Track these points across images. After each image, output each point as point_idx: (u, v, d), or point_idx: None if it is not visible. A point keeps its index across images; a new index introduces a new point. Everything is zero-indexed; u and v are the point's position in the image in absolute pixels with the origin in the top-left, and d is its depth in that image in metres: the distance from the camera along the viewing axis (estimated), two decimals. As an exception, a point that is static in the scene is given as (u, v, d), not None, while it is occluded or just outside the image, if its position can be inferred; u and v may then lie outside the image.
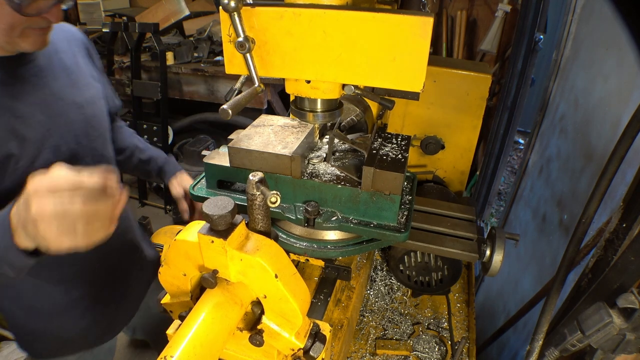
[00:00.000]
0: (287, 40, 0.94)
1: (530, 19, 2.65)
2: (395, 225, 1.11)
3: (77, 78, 1.42)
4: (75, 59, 1.46)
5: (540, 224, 2.44)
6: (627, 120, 0.91)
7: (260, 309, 0.86)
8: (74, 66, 1.43)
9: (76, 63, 1.46)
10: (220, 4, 0.87)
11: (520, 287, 2.58)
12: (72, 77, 1.41)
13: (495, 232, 1.25)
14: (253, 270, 0.78)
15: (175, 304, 0.92)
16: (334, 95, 1.07)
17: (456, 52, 4.10)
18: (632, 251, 0.87)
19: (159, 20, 4.09)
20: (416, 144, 2.11)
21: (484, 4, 3.95)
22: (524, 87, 2.80)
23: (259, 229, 0.85)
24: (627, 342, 0.88)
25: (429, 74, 0.93)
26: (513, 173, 5.54)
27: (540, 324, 1.04)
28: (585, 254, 1.61)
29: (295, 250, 1.22)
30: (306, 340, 0.87)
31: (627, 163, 0.99)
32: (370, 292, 1.86)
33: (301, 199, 1.15)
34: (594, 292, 0.97)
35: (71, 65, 1.42)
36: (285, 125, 1.22)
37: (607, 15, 1.99)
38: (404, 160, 1.11)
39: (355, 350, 1.60)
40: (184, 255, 0.82)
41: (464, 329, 1.70)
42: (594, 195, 0.98)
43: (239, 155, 1.13)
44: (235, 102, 0.95)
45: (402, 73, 0.92)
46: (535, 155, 2.85)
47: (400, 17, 0.86)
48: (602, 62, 2.00)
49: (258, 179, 0.79)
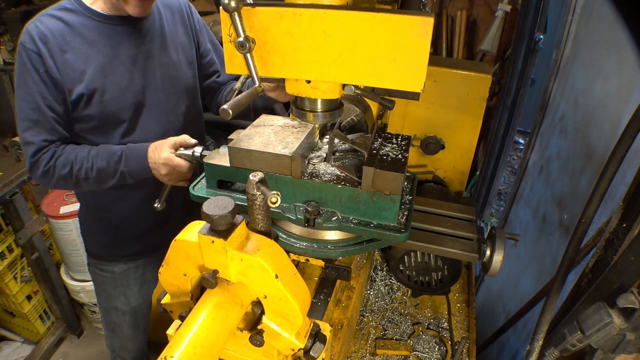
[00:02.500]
0: (287, 40, 0.94)
1: (530, 19, 2.65)
2: (395, 225, 1.11)
3: (168, 44, 1.71)
4: (175, 28, 1.76)
5: (540, 224, 2.44)
6: (627, 120, 0.91)
7: (261, 309, 0.86)
8: (171, 34, 1.73)
9: (174, 31, 1.75)
10: (221, 4, 0.87)
11: (520, 287, 2.58)
12: (165, 42, 1.70)
13: (495, 232, 1.25)
14: (253, 271, 0.78)
15: (175, 304, 0.92)
16: (334, 95, 1.07)
17: (456, 52, 4.10)
18: (632, 251, 0.87)
19: (159, 20, 4.08)
20: (416, 144, 2.11)
21: (484, 4, 3.95)
22: (524, 87, 2.80)
23: (259, 229, 0.85)
24: (627, 342, 0.88)
25: (429, 74, 0.93)
26: (513, 173, 5.54)
27: (540, 324, 1.04)
28: (585, 254, 1.61)
29: (295, 250, 1.22)
30: (306, 340, 0.87)
31: (627, 163, 0.99)
32: (370, 292, 1.86)
33: (301, 199, 1.15)
34: (594, 292, 0.97)
35: (169, 33, 1.72)
36: (285, 125, 1.22)
37: (607, 15, 1.99)
38: (404, 160, 1.11)
39: (355, 350, 1.60)
40: (184, 255, 0.82)
41: (464, 329, 1.70)
42: (594, 195, 0.98)
43: (239, 155, 1.13)
44: (236, 102, 0.95)
45: (402, 73, 0.92)
46: (535, 155, 2.85)
47: (401, 17, 0.86)
48: (602, 62, 2.00)
49: (258, 179, 0.79)
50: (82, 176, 1.56)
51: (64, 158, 1.55)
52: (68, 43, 1.50)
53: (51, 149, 1.54)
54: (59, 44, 1.48)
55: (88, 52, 1.52)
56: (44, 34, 1.46)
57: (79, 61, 1.51)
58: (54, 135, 1.55)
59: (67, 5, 1.54)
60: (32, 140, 1.52)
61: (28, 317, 3.07)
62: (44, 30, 1.47)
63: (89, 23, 1.53)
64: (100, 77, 1.54)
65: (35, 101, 1.49)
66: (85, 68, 1.52)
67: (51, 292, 3.11)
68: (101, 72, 1.54)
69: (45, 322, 3.27)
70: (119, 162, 1.57)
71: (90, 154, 1.57)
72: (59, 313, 3.27)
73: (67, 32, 1.50)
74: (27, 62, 1.46)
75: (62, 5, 1.54)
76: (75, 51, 1.51)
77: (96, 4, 1.55)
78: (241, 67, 1.00)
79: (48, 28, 1.47)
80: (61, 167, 1.55)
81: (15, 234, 2.79)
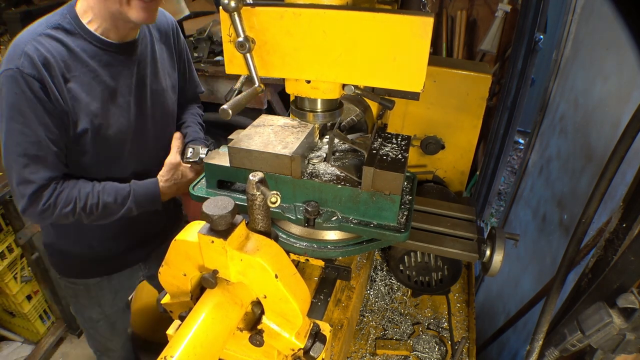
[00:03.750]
0: (287, 40, 0.94)
1: (530, 19, 2.65)
2: (395, 225, 1.11)
3: (159, 68, 1.66)
4: (162, 50, 1.69)
5: (540, 224, 2.44)
6: (627, 120, 0.91)
7: (261, 309, 0.86)
8: (160, 57, 1.67)
9: (162, 54, 1.69)
10: (221, 4, 0.87)
11: (520, 287, 2.58)
12: (156, 67, 1.65)
13: (495, 232, 1.25)
14: (253, 271, 0.78)
15: (175, 304, 0.92)
16: (334, 95, 1.07)
17: (456, 52, 4.10)
18: (632, 251, 0.87)
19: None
20: (416, 144, 2.11)
21: (484, 4, 3.95)
22: (524, 87, 2.80)
23: (259, 229, 0.85)
24: (627, 342, 0.88)
25: (429, 74, 0.93)
26: (513, 173, 5.54)
27: (540, 324, 1.04)
28: (585, 254, 1.61)
29: (295, 250, 1.22)
30: (306, 340, 0.87)
31: (627, 163, 0.99)
32: (370, 292, 1.86)
33: (301, 199, 1.15)
34: (594, 292, 0.97)
35: (158, 56, 1.66)
36: (285, 125, 1.22)
37: (607, 16, 1.99)
38: (404, 160, 1.11)
39: (355, 350, 1.60)
40: (184, 256, 0.82)
41: (464, 329, 1.70)
42: (594, 195, 0.98)
43: (239, 155, 1.13)
44: (236, 102, 0.95)
45: (402, 73, 0.92)
46: (535, 155, 2.85)
47: (401, 17, 0.86)
48: (602, 62, 2.00)
49: (258, 179, 0.79)
50: (85, 212, 1.48)
51: (66, 195, 1.44)
52: (71, 70, 1.37)
53: (51, 186, 1.42)
54: (62, 71, 1.35)
55: (91, 82, 1.42)
56: (46, 58, 1.31)
57: (82, 92, 1.40)
58: (56, 172, 1.43)
59: (64, 24, 1.38)
60: (31, 178, 1.37)
61: (28, 317, 3.06)
62: (45, 53, 1.31)
63: (89, 49, 1.41)
64: (104, 111, 1.46)
65: (36, 134, 1.34)
66: (89, 100, 1.42)
67: (51, 292, 3.11)
68: (105, 106, 1.46)
69: (45, 322, 3.27)
70: (127, 198, 1.53)
71: (94, 190, 1.49)
72: (59, 313, 3.27)
73: (69, 57, 1.37)
74: (26, 89, 1.29)
75: (58, 24, 1.38)
76: (79, 80, 1.39)
77: (93, 23, 1.41)
78: (241, 67, 1.00)
79: (49, 51, 1.32)
80: (63, 205, 1.43)
81: (15, 234, 2.79)
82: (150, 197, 1.59)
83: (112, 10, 1.35)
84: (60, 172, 1.46)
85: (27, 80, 1.28)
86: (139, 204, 1.57)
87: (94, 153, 1.51)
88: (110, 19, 1.40)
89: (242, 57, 0.97)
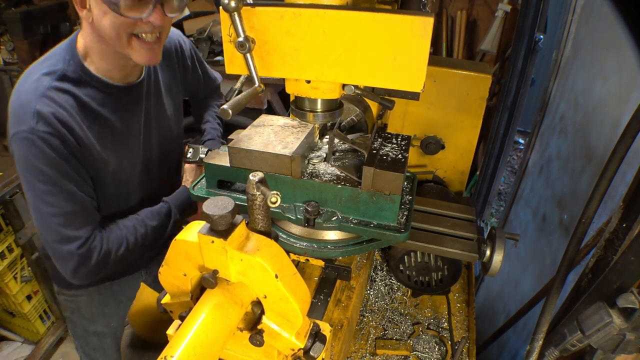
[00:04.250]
0: (287, 40, 0.94)
1: (530, 19, 2.65)
2: (395, 225, 1.11)
3: (163, 97, 1.63)
4: (165, 74, 1.64)
5: (540, 224, 2.44)
6: (627, 120, 0.91)
7: (261, 309, 0.86)
8: (163, 84, 1.62)
9: (165, 80, 1.64)
10: (221, 4, 0.87)
11: (520, 287, 2.58)
12: (160, 97, 1.62)
13: (495, 232, 1.25)
14: (253, 271, 0.78)
15: (175, 304, 0.92)
16: (334, 95, 1.07)
17: (456, 52, 4.10)
18: (632, 251, 0.87)
19: (159, 20, 4.09)
20: (416, 144, 2.11)
21: (484, 4, 3.95)
22: (524, 87, 2.80)
23: (259, 229, 0.85)
24: (627, 342, 0.88)
25: (429, 74, 0.93)
26: (513, 173, 5.54)
27: (540, 324, 1.04)
28: (585, 254, 1.61)
29: (295, 250, 1.22)
30: (306, 340, 0.87)
31: (627, 163, 0.99)
32: (370, 292, 1.86)
33: (301, 199, 1.15)
34: (594, 292, 0.97)
35: (162, 84, 1.61)
36: (285, 125, 1.22)
37: (607, 16, 1.99)
38: (404, 160, 1.11)
39: (355, 350, 1.60)
40: (184, 256, 0.82)
41: (464, 329, 1.70)
42: (594, 195, 0.98)
43: (239, 155, 1.13)
44: (236, 102, 0.95)
45: (402, 73, 0.92)
46: (535, 155, 2.85)
47: (401, 17, 0.86)
48: (602, 62, 2.00)
49: (258, 179, 0.79)
50: (139, 245, 1.47)
51: (116, 237, 1.42)
52: (83, 122, 1.32)
53: (97, 236, 1.38)
54: (77, 124, 1.30)
55: (102, 131, 1.38)
56: (59, 113, 1.25)
57: (96, 143, 1.36)
58: (95, 221, 1.39)
59: (69, 73, 1.31)
60: (74, 235, 1.32)
61: (28, 317, 3.06)
62: (59, 109, 1.25)
63: (97, 97, 1.36)
64: (118, 157, 1.45)
65: (66, 190, 1.29)
66: (102, 149, 1.39)
67: (51, 292, 3.11)
68: (118, 153, 1.45)
69: (45, 322, 3.27)
70: (169, 213, 1.55)
71: (137, 222, 1.49)
72: (59, 313, 3.27)
73: (79, 109, 1.32)
74: (46, 149, 1.23)
75: (62, 72, 1.30)
76: (92, 131, 1.35)
77: (94, 64, 1.35)
78: (241, 67, 1.00)
79: (61, 106, 1.26)
80: (117, 248, 1.41)
81: (15, 234, 2.79)
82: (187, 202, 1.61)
83: (115, 51, 1.31)
84: (98, 221, 1.42)
85: (45, 140, 1.22)
86: (183, 212, 1.60)
87: (107, 194, 1.49)
88: (113, 59, 1.35)
89: (242, 57, 0.97)
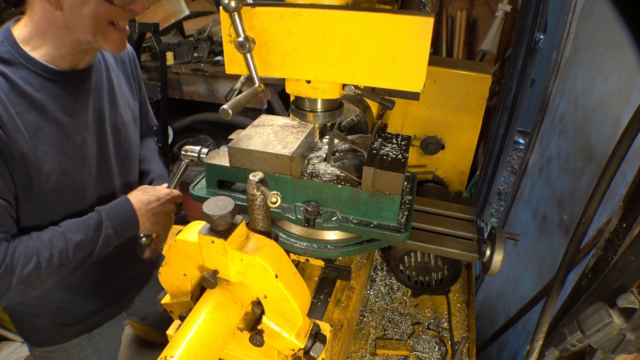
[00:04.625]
0: (287, 40, 0.94)
1: (530, 19, 2.66)
2: (395, 225, 1.11)
3: (118, 99, 1.48)
4: (119, 79, 1.52)
5: (540, 224, 2.44)
6: (627, 120, 0.91)
7: (261, 309, 0.86)
8: (117, 87, 1.49)
9: (119, 84, 1.51)
10: (221, 4, 0.87)
11: (520, 287, 2.58)
12: (114, 98, 1.46)
13: (495, 232, 1.25)
14: (253, 271, 0.78)
15: (175, 304, 0.92)
16: (334, 95, 1.07)
17: (456, 52, 4.10)
18: (632, 251, 0.87)
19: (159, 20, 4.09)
20: (416, 144, 2.11)
21: (484, 4, 3.95)
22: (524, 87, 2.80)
23: (259, 229, 0.85)
24: (627, 342, 0.88)
25: (429, 74, 0.93)
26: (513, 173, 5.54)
27: (540, 324, 1.04)
28: (585, 254, 1.61)
29: (295, 250, 1.21)
30: (306, 340, 0.87)
31: (627, 163, 0.99)
32: (370, 292, 1.86)
33: (301, 199, 1.15)
34: (594, 292, 0.97)
35: (116, 86, 1.48)
36: (285, 125, 1.22)
37: (607, 15, 2.00)
38: (404, 160, 1.11)
39: (355, 350, 1.60)
40: (184, 256, 0.82)
41: (464, 329, 1.70)
42: (594, 195, 0.98)
43: (239, 155, 1.13)
44: (236, 102, 0.95)
45: (403, 73, 0.92)
46: (535, 155, 2.85)
47: (401, 17, 0.86)
48: (602, 62, 2.00)
49: (258, 179, 0.79)
50: (54, 264, 1.19)
51: (24, 250, 1.15)
52: (14, 106, 1.14)
53: (2, 245, 1.13)
54: (4, 107, 1.12)
55: (38, 120, 1.19)
56: None
57: (29, 132, 1.17)
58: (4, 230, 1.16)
59: (0, 52, 1.17)
60: None
61: (28, 317, 3.06)
62: None
63: (35, 81, 1.19)
64: (56, 153, 1.24)
65: None
66: (37, 142, 1.19)
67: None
68: (57, 147, 1.24)
69: (45, 322, 3.27)
70: (100, 225, 1.27)
71: (55, 234, 1.21)
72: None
73: (10, 91, 1.15)
74: None
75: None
76: (23, 118, 1.15)
77: (38, 51, 1.21)
78: (241, 67, 1.00)
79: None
80: (24, 263, 1.14)
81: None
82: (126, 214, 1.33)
83: (79, 39, 1.20)
84: (11, 230, 1.19)
85: None
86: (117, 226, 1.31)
87: (52, 201, 1.28)
88: (69, 46, 1.22)
89: (242, 57, 0.97)
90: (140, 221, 1.37)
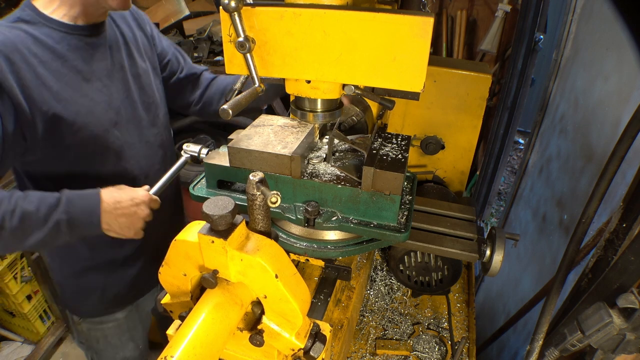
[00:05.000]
0: (287, 40, 0.94)
1: (530, 19, 2.65)
2: (395, 225, 1.11)
3: (133, 51, 1.58)
4: (133, 33, 1.62)
5: (540, 224, 2.44)
6: (627, 120, 0.91)
7: (261, 309, 0.86)
8: (132, 40, 1.59)
9: (134, 37, 1.61)
10: (221, 4, 0.87)
11: (520, 287, 2.58)
12: (130, 49, 1.57)
13: (495, 232, 1.25)
14: (253, 271, 0.78)
15: (175, 304, 0.92)
16: (334, 95, 1.07)
17: (456, 52, 4.10)
18: (632, 251, 0.87)
19: (159, 20, 4.09)
20: (416, 144, 2.11)
21: (484, 4, 3.95)
22: (524, 87, 2.80)
23: (259, 229, 0.85)
24: (627, 342, 0.88)
25: (429, 74, 0.93)
26: (513, 173, 5.54)
27: (540, 324, 1.04)
28: (585, 254, 1.61)
29: (295, 250, 1.22)
30: (306, 340, 0.87)
31: (627, 163, 0.99)
32: (370, 292, 1.86)
33: (301, 199, 1.15)
34: (594, 292, 0.97)
35: (130, 39, 1.58)
36: (285, 125, 1.22)
37: (607, 16, 1.99)
38: (404, 160, 1.11)
39: (355, 350, 1.60)
40: (184, 256, 0.82)
41: (464, 329, 1.70)
42: (594, 195, 0.98)
43: (239, 155, 1.13)
44: (236, 102, 0.95)
45: (402, 73, 0.92)
46: (535, 155, 2.85)
47: (401, 17, 0.86)
48: (602, 62, 2.00)
49: (258, 179, 0.79)
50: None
51: None
52: (36, 56, 1.27)
53: None
54: (24, 58, 1.24)
55: (60, 68, 1.32)
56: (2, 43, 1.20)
57: (52, 78, 1.29)
58: None
59: (22, 16, 1.31)
60: None
61: (28, 317, 3.06)
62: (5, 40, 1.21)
63: (55, 35, 1.33)
64: (79, 97, 1.35)
65: None
66: (60, 87, 1.30)
67: (51, 292, 3.11)
68: (79, 91, 1.35)
69: (45, 322, 3.27)
70: (55, 208, 1.22)
71: (13, 196, 1.21)
72: (59, 313, 3.27)
73: (33, 44, 1.28)
74: None
75: (17, 17, 1.31)
76: (46, 66, 1.28)
77: (57, 12, 1.34)
78: (241, 67, 1.00)
79: (7, 37, 1.22)
80: None
81: (15, 234, 2.78)
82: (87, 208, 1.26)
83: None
84: None
85: None
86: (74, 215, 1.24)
87: (77, 145, 1.37)
88: (81, 5, 1.34)
89: (242, 57, 0.97)
90: (105, 219, 1.28)
